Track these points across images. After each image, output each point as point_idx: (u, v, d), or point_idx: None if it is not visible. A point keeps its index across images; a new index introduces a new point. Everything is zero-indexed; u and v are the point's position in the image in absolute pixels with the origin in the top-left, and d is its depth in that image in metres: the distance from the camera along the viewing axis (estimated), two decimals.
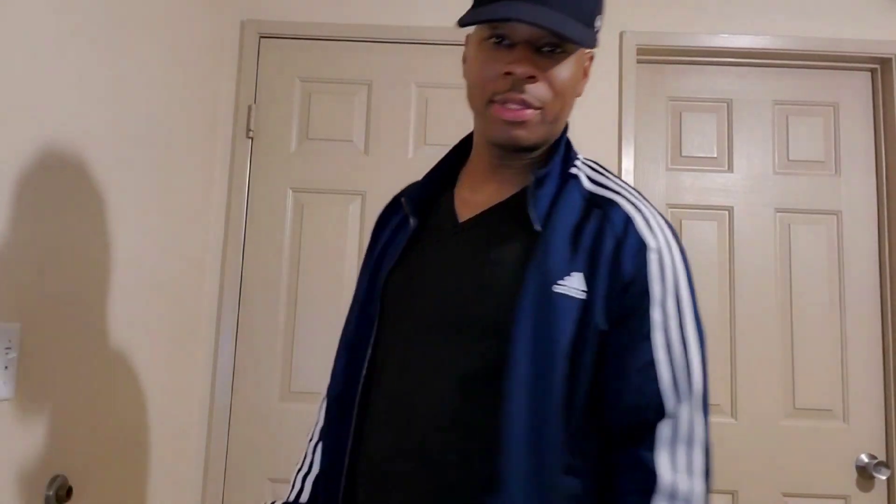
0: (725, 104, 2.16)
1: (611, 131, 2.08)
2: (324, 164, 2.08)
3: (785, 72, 2.16)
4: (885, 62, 2.11)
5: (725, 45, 2.10)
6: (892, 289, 2.04)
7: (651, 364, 0.80)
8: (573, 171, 0.90)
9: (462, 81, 0.94)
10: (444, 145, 2.10)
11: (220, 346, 1.99)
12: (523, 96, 0.83)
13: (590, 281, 0.81)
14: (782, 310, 2.06)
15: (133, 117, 1.52)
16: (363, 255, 1.11)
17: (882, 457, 1.99)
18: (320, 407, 1.06)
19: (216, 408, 1.97)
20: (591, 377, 0.80)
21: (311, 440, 1.05)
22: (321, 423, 1.03)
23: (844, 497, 1.99)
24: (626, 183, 0.91)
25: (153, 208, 1.64)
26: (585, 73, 0.91)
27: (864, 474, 1.98)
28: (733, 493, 1.99)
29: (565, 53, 0.84)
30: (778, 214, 2.11)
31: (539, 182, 0.86)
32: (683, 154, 2.14)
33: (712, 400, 2.00)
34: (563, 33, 0.79)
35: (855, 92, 2.15)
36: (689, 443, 0.79)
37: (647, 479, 0.77)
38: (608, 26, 2.10)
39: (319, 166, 2.08)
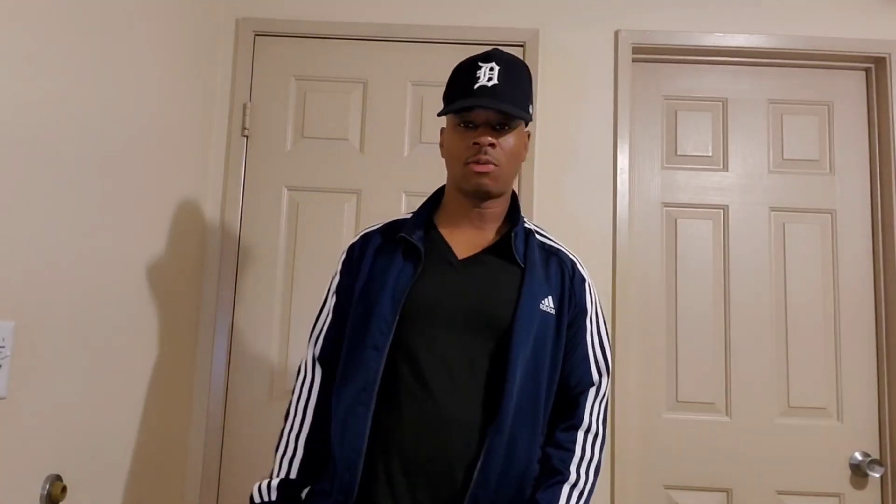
0: (720, 103, 2.17)
1: (606, 130, 2.08)
2: (319, 162, 2.08)
3: (780, 71, 2.17)
4: (879, 61, 2.12)
5: (720, 45, 2.11)
6: (886, 287, 2.05)
7: (586, 356, 1.28)
8: (527, 226, 1.33)
9: None
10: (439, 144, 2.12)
11: (216, 345, 1.99)
12: (487, 157, 1.21)
13: (557, 301, 1.26)
14: (776, 308, 2.07)
15: (127, 115, 1.52)
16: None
17: (876, 454, 2.00)
18: (299, 403, 1.30)
19: (211, 407, 1.97)
20: (559, 362, 1.25)
21: (290, 430, 1.29)
22: (307, 418, 1.29)
23: (838, 495, 2.00)
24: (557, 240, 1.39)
25: (148, 207, 1.64)
26: (525, 146, 1.30)
27: (858, 472, 1.99)
28: (728, 491, 2.00)
29: (511, 130, 1.24)
30: (772, 213, 2.11)
31: (515, 235, 1.27)
32: (678, 153, 2.15)
33: (706, 398, 2.04)
34: (509, 112, 1.20)
35: (849, 91, 2.16)
36: (602, 401, 1.29)
37: (579, 418, 1.25)
38: (603, 25, 2.12)
39: (315, 165, 2.07)
